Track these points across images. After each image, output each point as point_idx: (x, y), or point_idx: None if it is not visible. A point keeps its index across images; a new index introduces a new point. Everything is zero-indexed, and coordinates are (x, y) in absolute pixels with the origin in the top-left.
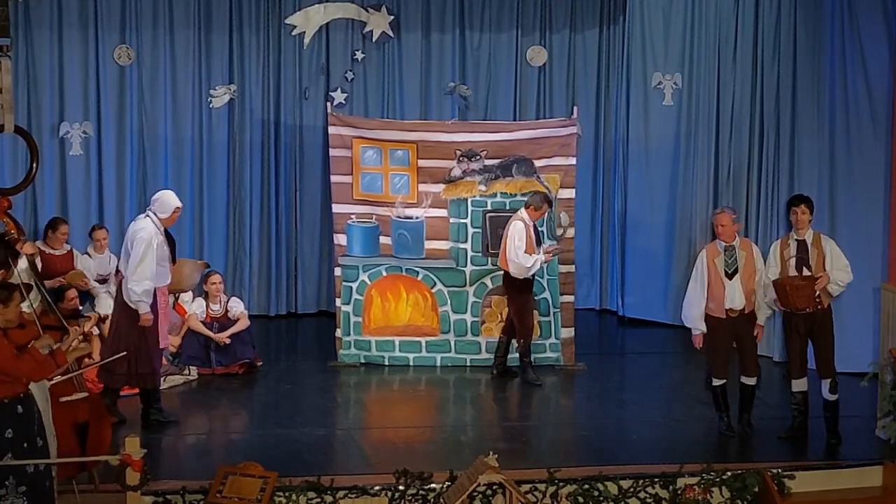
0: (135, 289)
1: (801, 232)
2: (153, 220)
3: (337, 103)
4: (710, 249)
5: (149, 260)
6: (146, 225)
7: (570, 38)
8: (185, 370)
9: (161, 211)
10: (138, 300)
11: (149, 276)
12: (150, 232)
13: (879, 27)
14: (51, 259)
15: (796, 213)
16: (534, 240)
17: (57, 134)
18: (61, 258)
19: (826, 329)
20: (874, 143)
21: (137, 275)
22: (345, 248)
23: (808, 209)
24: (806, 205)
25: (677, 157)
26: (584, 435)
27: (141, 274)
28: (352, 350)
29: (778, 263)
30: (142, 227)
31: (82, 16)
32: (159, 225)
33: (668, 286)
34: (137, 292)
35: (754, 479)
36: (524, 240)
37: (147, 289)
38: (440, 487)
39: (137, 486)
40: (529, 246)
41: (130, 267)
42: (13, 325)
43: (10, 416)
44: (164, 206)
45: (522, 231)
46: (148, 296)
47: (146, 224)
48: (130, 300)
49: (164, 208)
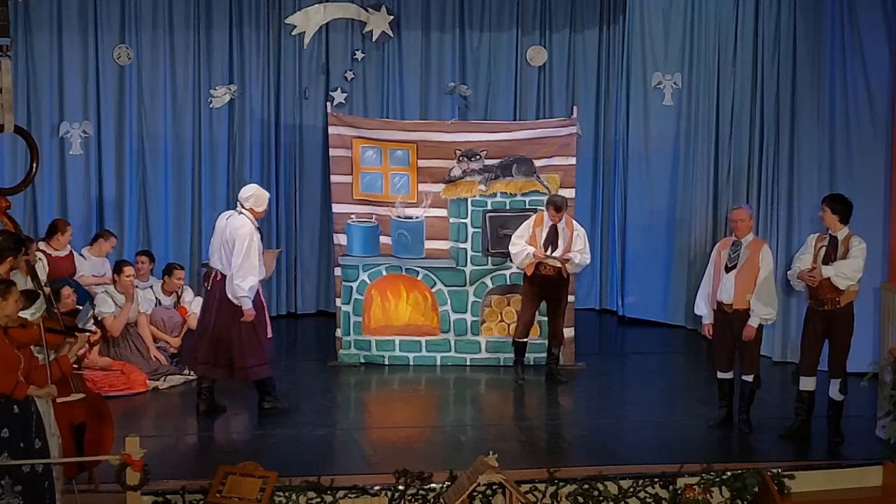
0: (242, 285)
1: (831, 229)
2: (248, 217)
3: (337, 103)
4: (724, 241)
5: (254, 256)
6: (245, 222)
7: (570, 38)
8: (185, 370)
9: (257, 206)
10: (244, 296)
11: (254, 272)
12: (250, 228)
13: (879, 27)
14: (52, 261)
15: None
16: (542, 238)
17: (57, 134)
18: (62, 260)
19: (844, 328)
20: (874, 143)
21: (244, 271)
22: (345, 247)
23: (827, 208)
24: (825, 204)
25: (677, 157)
26: (584, 435)
27: (247, 270)
28: (352, 350)
29: (810, 251)
30: (241, 225)
31: (82, 16)
32: (254, 220)
33: (667, 286)
34: (245, 289)
35: (754, 479)
36: (524, 230)
37: (253, 285)
38: (440, 487)
39: (137, 486)
40: (534, 240)
41: (235, 264)
42: (14, 324)
43: (7, 415)
44: (260, 201)
45: (530, 222)
46: (253, 291)
47: (244, 221)
48: (236, 296)
49: (259, 203)
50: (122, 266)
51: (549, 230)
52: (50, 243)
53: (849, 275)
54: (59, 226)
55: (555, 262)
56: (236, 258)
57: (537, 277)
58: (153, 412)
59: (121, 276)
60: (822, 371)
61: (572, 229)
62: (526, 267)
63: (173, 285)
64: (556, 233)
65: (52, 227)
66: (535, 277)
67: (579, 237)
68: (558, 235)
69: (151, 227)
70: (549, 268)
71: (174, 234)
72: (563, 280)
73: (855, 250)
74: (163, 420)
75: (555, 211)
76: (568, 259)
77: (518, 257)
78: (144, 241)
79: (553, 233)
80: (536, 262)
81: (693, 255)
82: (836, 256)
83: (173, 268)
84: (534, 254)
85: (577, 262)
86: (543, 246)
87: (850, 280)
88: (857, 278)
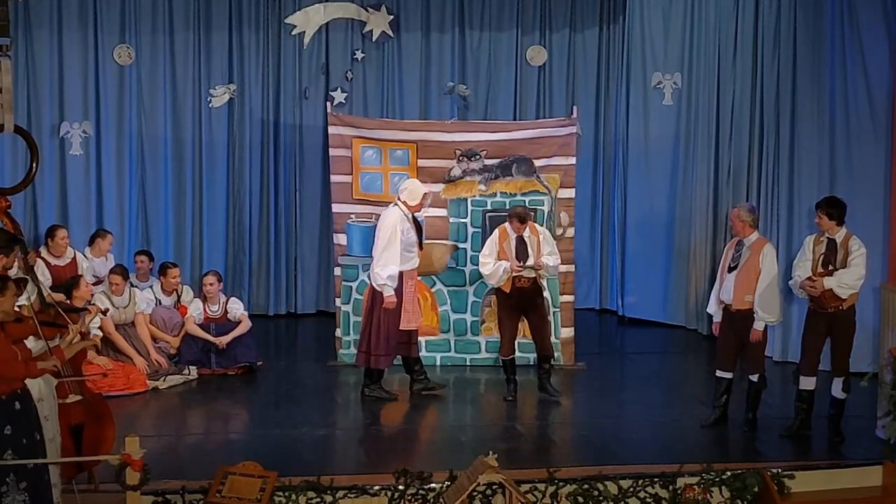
0: (380, 273)
1: (829, 232)
2: (400, 208)
3: (337, 103)
4: (732, 241)
5: (394, 246)
6: (393, 213)
7: (570, 38)
8: (184, 370)
9: (411, 199)
10: (383, 284)
11: (394, 261)
12: (395, 219)
13: (879, 27)
14: (55, 270)
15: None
16: (511, 251)
17: (57, 134)
18: (65, 269)
19: (846, 328)
20: (874, 143)
21: (384, 260)
22: (345, 247)
23: (824, 214)
24: (820, 211)
25: (677, 157)
26: (584, 435)
27: (387, 259)
28: (352, 350)
29: (809, 256)
30: (389, 215)
31: (82, 16)
32: (407, 212)
33: (667, 286)
34: (383, 276)
35: (754, 479)
36: (491, 247)
37: (392, 273)
38: (440, 487)
39: (137, 486)
40: (503, 255)
41: (376, 252)
42: (9, 319)
43: (9, 412)
44: (413, 194)
45: (494, 237)
46: (392, 280)
47: (393, 212)
48: (376, 283)
49: (413, 196)
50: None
51: (517, 242)
52: (50, 251)
53: (851, 284)
54: (50, 231)
55: (531, 272)
56: (377, 247)
57: (514, 291)
58: (153, 412)
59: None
60: (823, 371)
61: (538, 234)
62: (504, 283)
63: (169, 284)
64: (525, 243)
65: (48, 232)
66: (512, 292)
67: (546, 240)
68: (527, 245)
69: (151, 226)
70: (525, 280)
71: (174, 233)
72: (539, 289)
73: (856, 258)
74: (163, 420)
75: (519, 223)
76: (542, 266)
77: (494, 276)
78: (144, 240)
79: (521, 244)
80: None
81: (693, 255)
82: (836, 260)
83: (167, 267)
84: (510, 268)
85: (551, 264)
86: (516, 259)
87: (852, 289)
88: (859, 286)
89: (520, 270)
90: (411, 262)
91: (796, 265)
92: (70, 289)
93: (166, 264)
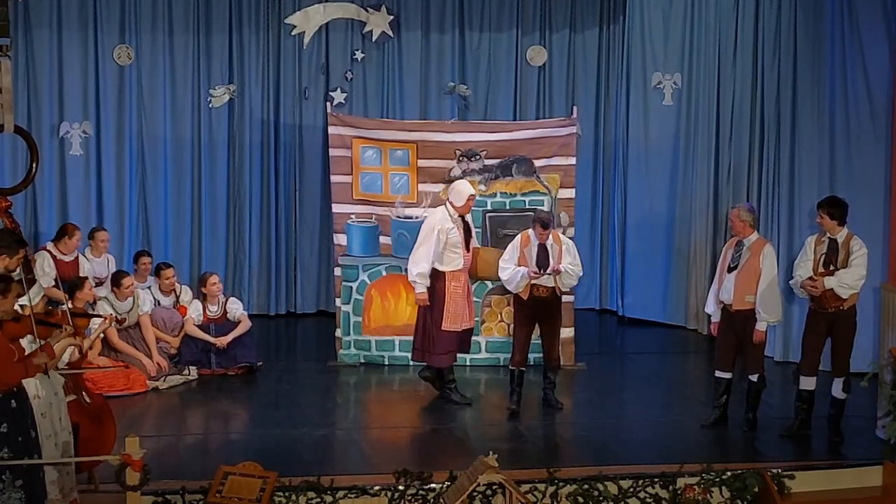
0: (412, 269)
1: (830, 232)
2: (447, 209)
3: (337, 103)
4: (731, 240)
5: (428, 244)
6: (435, 213)
7: (570, 38)
8: (184, 370)
9: (456, 200)
10: (413, 280)
11: (425, 259)
12: (436, 219)
13: (879, 27)
14: (59, 264)
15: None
16: (532, 258)
17: (57, 134)
18: (69, 265)
19: (847, 328)
20: (874, 143)
21: (416, 257)
22: (345, 247)
23: (825, 214)
24: (822, 210)
25: (677, 157)
26: (584, 435)
27: (419, 257)
28: (352, 350)
29: (810, 256)
30: (431, 214)
31: (82, 16)
32: (453, 213)
33: (667, 286)
34: (413, 273)
35: (754, 479)
36: (512, 253)
37: (422, 271)
38: (440, 487)
39: (137, 486)
40: (523, 261)
41: (413, 250)
42: (8, 318)
43: (5, 411)
44: (459, 195)
45: (516, 243)
46: (423, 278)
47: (436, 212)
48: (410, 279)
49: (458, 197)
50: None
51: (538, 249)
52: (58, 245)
53: (851, 284)
54: (68, 229)
55: (549, 280)
56: (415, 245)
57: (531, 300)
58: (153, 412)
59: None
60: (823, 371)
61: (560, 244)
62: (522, 290)
63: (165, 284)
64: (546, 251)
65: (62, 230)
66: (529, 300)
67: (567, 250)
68: (548, 253)
69: (151, 227)
70: (544, 289)
71: (174, 233)
72: (557, 300)
73: (857, 258)
74: (163, 420)
75: (542, 228)
76: (560, 271)
77: (512, 281)
78: (144, 240)
79: (542, 251)
80: (531, 282)
81: (693, 255)
82: (837, 260)
83: (161, 267)
84: (528, 273)
85: (570, 272)
86: (537, 266)
87: (853, 289)
88: (860, 286)
89: (536, 276)
90: (455, 262)
91: (797, 265)
92: (73, 290)
93: (161, 265)
